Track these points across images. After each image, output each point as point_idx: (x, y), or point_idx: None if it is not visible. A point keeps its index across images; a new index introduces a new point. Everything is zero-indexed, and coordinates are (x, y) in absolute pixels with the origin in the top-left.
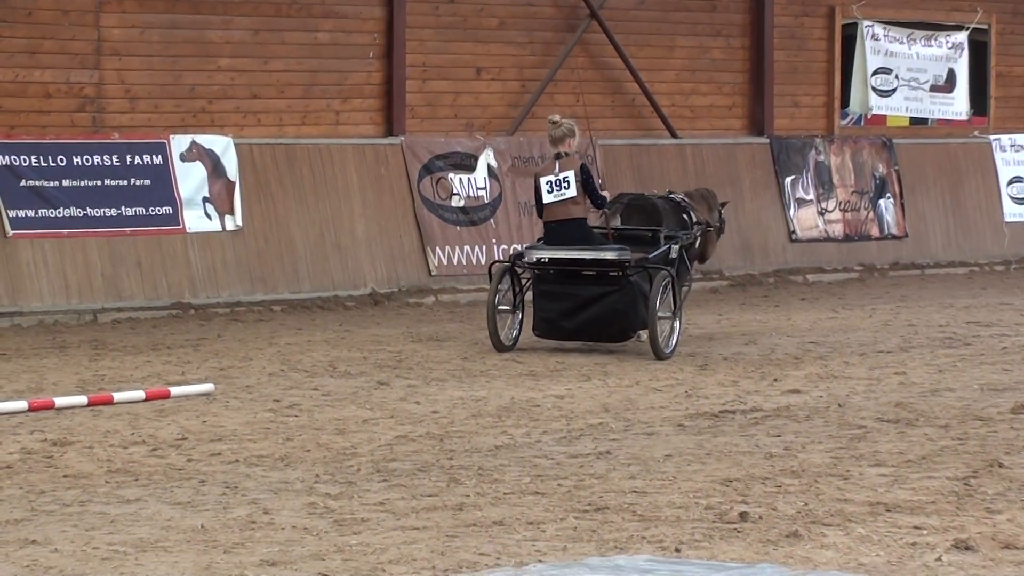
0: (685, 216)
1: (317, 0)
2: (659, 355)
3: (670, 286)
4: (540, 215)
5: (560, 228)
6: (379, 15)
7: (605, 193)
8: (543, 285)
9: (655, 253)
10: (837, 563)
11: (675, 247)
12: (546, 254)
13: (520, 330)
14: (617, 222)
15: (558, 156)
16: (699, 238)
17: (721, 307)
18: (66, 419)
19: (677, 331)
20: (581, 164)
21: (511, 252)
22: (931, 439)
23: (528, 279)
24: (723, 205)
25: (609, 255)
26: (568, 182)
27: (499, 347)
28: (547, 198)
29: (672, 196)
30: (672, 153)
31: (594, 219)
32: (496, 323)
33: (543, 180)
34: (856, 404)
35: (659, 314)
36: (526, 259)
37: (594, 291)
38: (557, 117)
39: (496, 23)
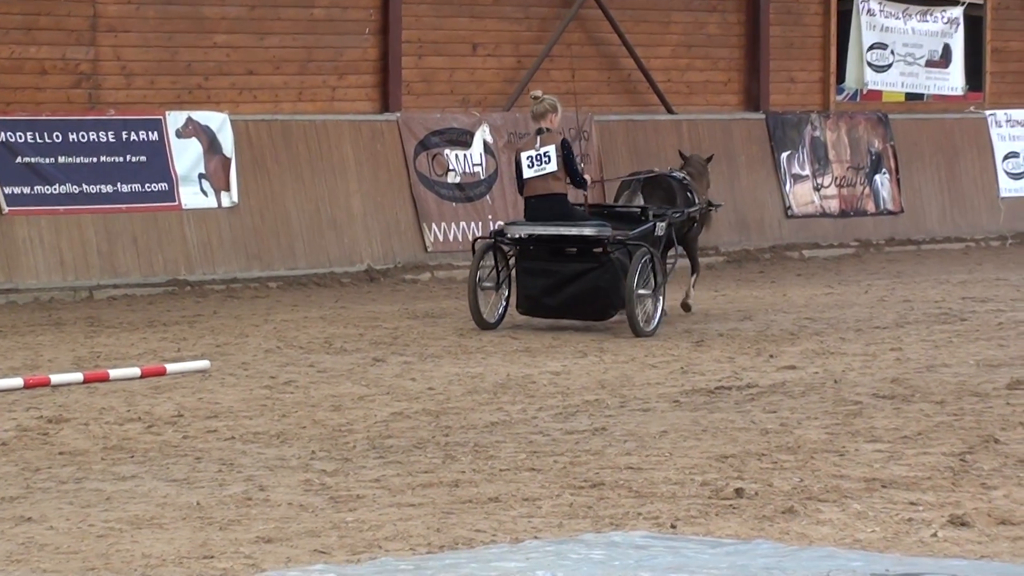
0: (689, 194)
1: None
2: (638, 332)
3: (650, 264)
4: (521, 191)
5: (540, 203)
6: None
7: (587, 176)
8: (525, 262)
9: (637, 230)
10: (833, 539)
11: (661, 224)
12: (526, 230)
13: (506, 308)
14: (639, 199)
15: (539, 132)
16: (696, 218)
17: (717, 283)
18: (62, 396)
19: (660, 309)
20: (562, 139)
21: (493, 228)
22: (927, 415)
23: (512, 256)
24: (708, 160)
25: (589, 231)
26: (549, 156)
27: (482, 324)
28: (527, 173)
29: (676, 175)
30: (668, 129)
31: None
32: (478, 300)
33: (524, 155)
34: (852, 380)
35: (640, 292)
36: (508, 235)
37: (576, 268)
38: (539, 93)
39: None
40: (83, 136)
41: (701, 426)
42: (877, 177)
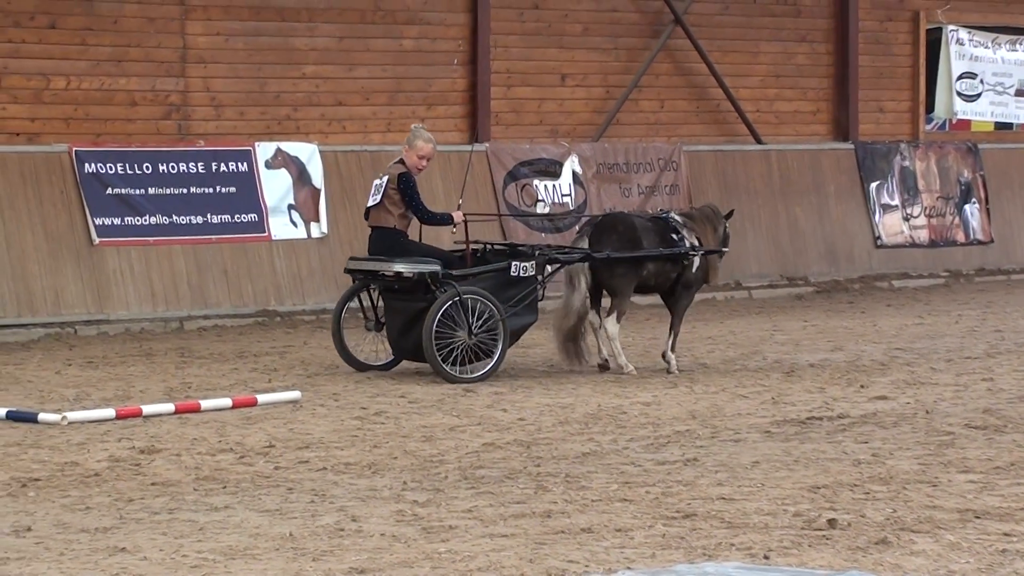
0: (674, 236)
1: (402, 7)
2: (447, 378)
3: (477, 307)
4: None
5: (372, 236)
6: (463, 22)
7: (455, 213)
8: (388, 300)
9: (471, 270)
10: (927, 570)
11: (524, 264)
12: (351, 264)
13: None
14: (584, 243)
15: (396, 163)
16: (693, 262)
17: (807, 313)
18: (153, 427)
19: (495, 358)
20: (400, 173)
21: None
22: (1020, 445)
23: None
24: (728, 216)
25: (399, 267)
26: (379, 188)
27: (355, 365)
28: (369, 201)
29: (664, 216)
30: (757, 159)
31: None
32: (341, 339)
33: (373, 183)
34: (943, 410)
35: (450, 335)
36: (345, 267)
37: (418, 306)
38: (416, 124)
39: (580, 29)
40: (173, 167)
41: (793, 456)
42: (967, 207)
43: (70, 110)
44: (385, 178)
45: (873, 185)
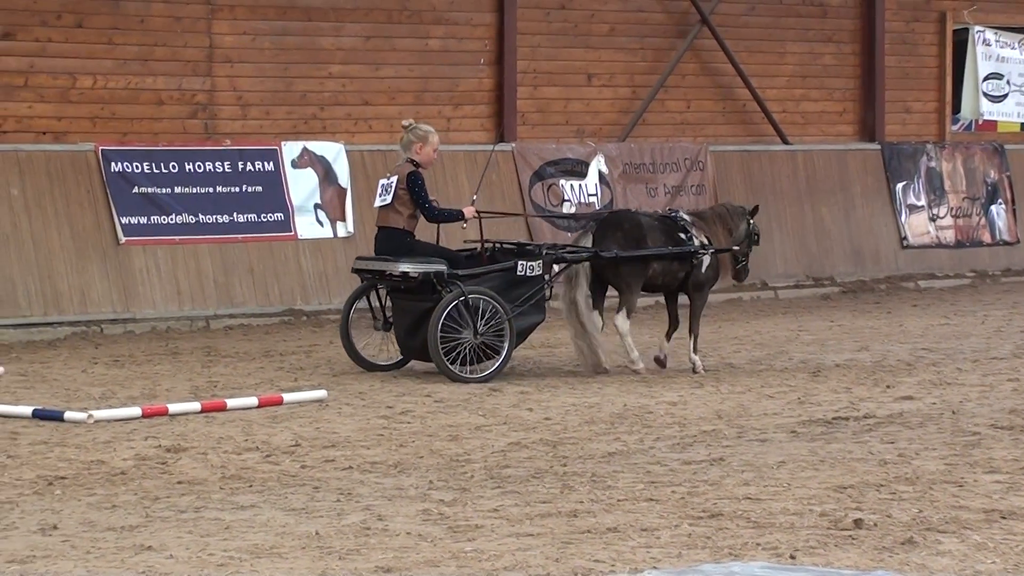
0: (682, 235)
1: (428, 7)
2: (446, 373)
3: (488, 308)
4: None
5: (379, 236)
6: (490, 21)
7: (468, 209)
8: (395, 299)
9: (477, 270)
10: (953, 570)
11: (531, 264)
12: (358, 264)
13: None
14: (588, 240)
15: (404, 162)
16: (703, 261)
17: (833, 313)
18: (180, 425)
19: (501, 358)
20: (409, 172)
21: None
22: None
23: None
24: (753, 212)
25: (405, 267)
26: (389, 188)
27: (364, 364)
28: (376, 202)
29: (672, 215)
30: (783, 159)
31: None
32: (349, 339)
33: (379, 184)
34: (970, 411)
35: (457, 336)
36: (352, 267)
37: (424, 306)
38: (409, 121)
39: (607, 29)
40: (199, 166)
41: (819, 456)
42: (993, 207)
43: (97, 109)
44: (394, 178)
45: (899, 186)
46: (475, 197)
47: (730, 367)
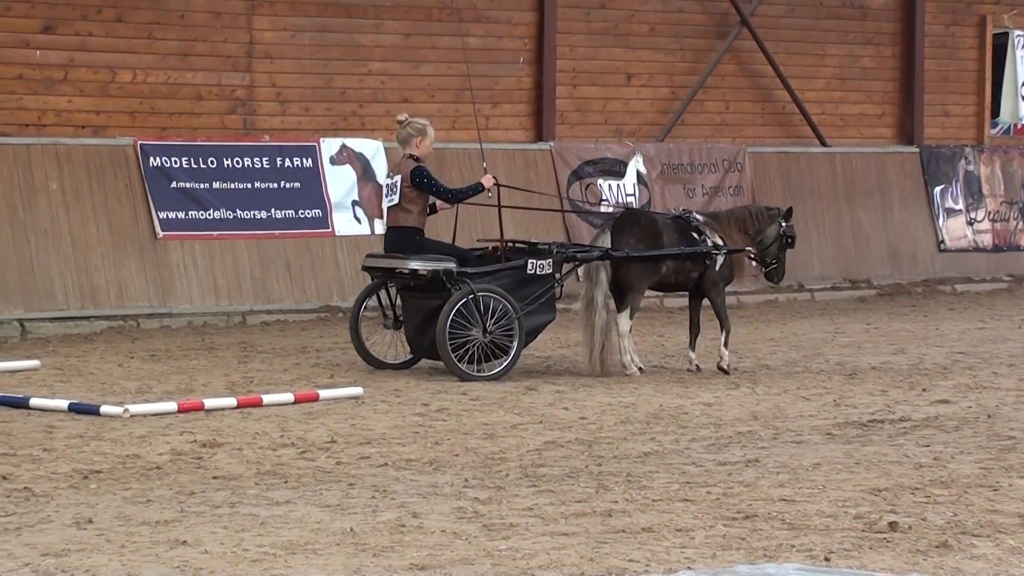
0: (694, 235)
1: (468, 5)
2: (454, 371)
3: (498, 307)
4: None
5: (389, 235)
6: (530, 20)
7: (484, 180)
8: (406, 298)
9: (487, 268)
10: (987, 574)
11: (541, 262)
12: (368, 262)
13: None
14: (606, 239)
15: (410, 158)
16: (716, 261)
17: (869, 316)
18: (215, 421)
19: (510, 356)
20: (412, 168)
21: None
22: None
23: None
24: (787, 215)
25: (414, 264)
26: (395, 188)
27: (373, 363)
28: (383, 203)
29: (685, 215)
30: (821, 161)
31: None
32: (359, 337)
33: (384, 184)
34: (1006, 415)
35: (464, 333)
36: (362, 264)
37: (435, 304)
38: (404, 116)
39: (647, 30)
40: (238, 162)
41: (854, 459)
42: None
43: (136, 103)
44: (398, 177)
45: (937, 189)
46: (485, 164)
47: (766, 368)
